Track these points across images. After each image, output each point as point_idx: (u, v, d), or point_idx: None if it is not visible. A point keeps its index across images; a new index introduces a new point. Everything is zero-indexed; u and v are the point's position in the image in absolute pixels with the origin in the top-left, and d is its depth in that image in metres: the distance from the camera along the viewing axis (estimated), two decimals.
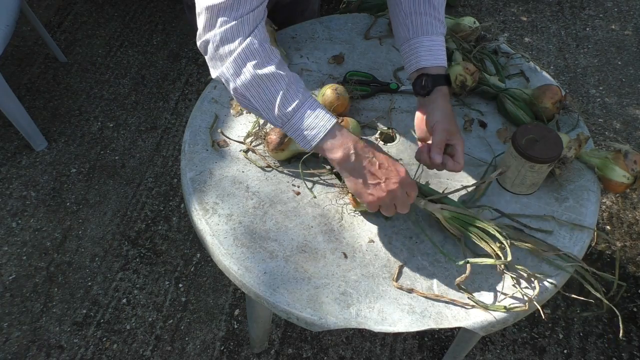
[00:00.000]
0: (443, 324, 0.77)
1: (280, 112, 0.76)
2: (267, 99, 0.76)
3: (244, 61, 0.74)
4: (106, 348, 1.44)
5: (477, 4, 2.51)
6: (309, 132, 0.76)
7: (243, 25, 0.73)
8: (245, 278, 0.82)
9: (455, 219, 0.83)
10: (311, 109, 0.76)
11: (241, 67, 0.74)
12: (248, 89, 0.75)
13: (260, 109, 0.77)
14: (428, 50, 0.90)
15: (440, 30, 0.90)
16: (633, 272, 1.59)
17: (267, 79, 0.74)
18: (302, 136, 0.77)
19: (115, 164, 1.86)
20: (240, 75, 0.75)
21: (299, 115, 0.76)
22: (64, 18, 2.39)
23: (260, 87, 0.75)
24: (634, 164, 0.91)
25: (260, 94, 0.75)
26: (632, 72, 2.19)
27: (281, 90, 0.75)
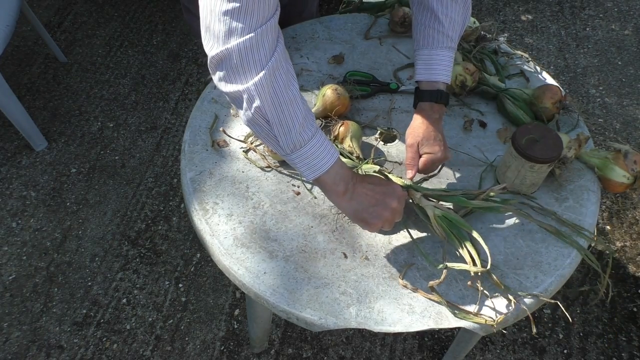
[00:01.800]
0: (443, 324, 0.77)
1: (296, 138, 0.72)
2: (286, 124, 0.70)
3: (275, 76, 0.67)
4: (106, 348, 1.44)
5: (477, 4, 2.51)
6: (316, 162, 0.74)
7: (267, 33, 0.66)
8: (245, 278, 0.82)
9: (444, 219, 0.83)
10: (322, 139, 0.75)
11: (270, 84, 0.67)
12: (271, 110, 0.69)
13: (277, 133, 0.71)
14: (424, 63, 0.91)
15: (444, 44, 0.90)
16: (633, 272, 1.59)
17: (290, 103, 0.69)
18: (309, 166, 0.74)
19: (115, 164, 1.86)
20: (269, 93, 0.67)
21: (311, 145, 0.73)
22: (64, 18, 2.39)
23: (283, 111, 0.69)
24: (634, 164, 0.91)
25: (282, 117, 0.69)
26: (632, 72, 2.19)
27: (301, 116, 0.71)
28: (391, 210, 0.78)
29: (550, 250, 0.85)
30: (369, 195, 0.77)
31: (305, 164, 0.74)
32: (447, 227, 0.82)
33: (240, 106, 0.70)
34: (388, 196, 0.78)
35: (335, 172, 0.76)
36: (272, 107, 0.68)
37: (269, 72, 0.67)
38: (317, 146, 0.74)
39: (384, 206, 0.77)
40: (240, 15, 0.64)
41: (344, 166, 0.78)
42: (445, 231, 0.82)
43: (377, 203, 0.77)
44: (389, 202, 0.78)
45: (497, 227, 0.88)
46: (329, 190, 0.77)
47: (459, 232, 0.81)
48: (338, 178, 0.76)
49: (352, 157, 0.93)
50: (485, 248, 0.79)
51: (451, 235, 0.82)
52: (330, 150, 0.75)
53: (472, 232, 0.81)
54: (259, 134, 0.73)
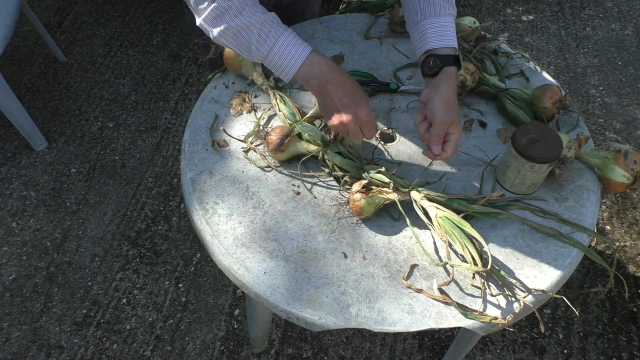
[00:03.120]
0: (443, 324, 0.77)
1: (257, 53, 0.84)
2: (243, 45, 0.84)
3: (218, 16, 0.81)
4: (106, 348, 1.44)
5: (477, 4, 2.51)
6: (284, 67, 0.84)
7: None
8: (245, 278, 0.82)
9: (446, 220, 0.83)
10: (284, 46, 0.83)
11: (216, 20, 0.82)
12: (224, 38, 0.84)
13: (240, 52, 0.86)
14: (436, 31, 0.90)
15: (449, 11, 0.90)
16: (633, 272, 1.59)
17: (240, 29, 0.82)
18: (280, 71, 0.85)
19: (115, 164, 1.86)
20: (215, 27, 0.83)
21: (273, 54, 0.83)
22: (64, 18, 2.39)
23: (235, 36, 0.83)
24: (634, 164, 0.91)
25: (236, 41, 0.84)
26: (632, 72, 2.19)
27: (253, 35, 0.82)
28: (341, 123, 0.85)
29: (550, 250, 0.85)
30: (334, 101, 0.84)
31: (275, 69, 0.86)
32: (448, 228, 0.82)
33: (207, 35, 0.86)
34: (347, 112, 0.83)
35: (304, 72, 0.84)
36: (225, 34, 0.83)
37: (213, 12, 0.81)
38: (280, 54, 0.83)
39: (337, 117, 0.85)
40: None
41: (316, 65, 0.84)
42: (447, 232, 0.82)
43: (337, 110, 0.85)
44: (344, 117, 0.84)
45: (497, 228, 0.88)
46: (304, 85, 0.87)
47: (460, 233, 0.81)
48: (307, 76, 0.85)
49: (353, 157, 0.93)
50: (487, 248, 0.79)
51: (452, 236, 0.82)
52: (295, 53, 0.83)
53: (473, 233, 0.81)
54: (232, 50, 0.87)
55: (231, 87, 1.10)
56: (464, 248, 0.80)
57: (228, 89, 1.10)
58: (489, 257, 0.79)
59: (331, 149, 0.93)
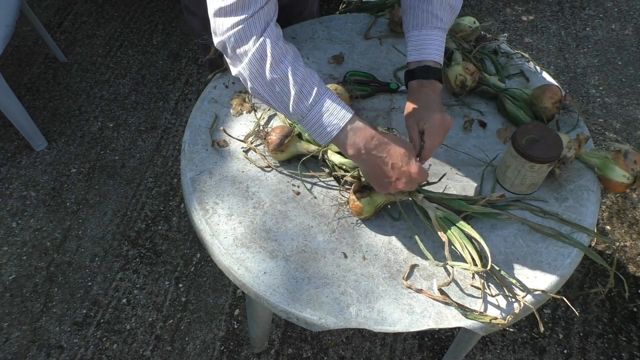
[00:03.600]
0: (443, 324, 0.77)
1: (295, 111, 0.78)
2: (281, 100, 0.78)
3: (259, 62, 0.76)
4: (106, 348, 1.44)
5: (477, 4, 2.51)
6: (323, 130, 0.78)
7: (255, 24, 0.75)
8: (245, 278, 0.82)
9: (446, 220, 0.83)
10: (325, 107, 0.78)
11: (256, 68, 0.76)
12: (264, 89, 0.78)
13: (277, 107, 0.80)
14: (414, 44, 0.91)
15: (433, 24, 0.90)
16: (633, 272, 1.59)
17: (280, 81, 0.76)
18: (317, 133, 0.79)
19: (115, 164, 1.86)
20: (255, 77, 0.77)
21: (313, 114, 0.78)
22: (64, 18, 2.39)
23: (274, 89, 0.77)
24: (634, 164, 0.91)
25: (275, 96, 0.78)
26: (632, 72, 2.19)
27: (294, 90, 0.77)
28: (397, 190, 0.80)
29: (550, 250, 0.85)
30: (382, 170, 0.79)
31: (312, 131, 0.80)
32: (448, 228, 0.82)
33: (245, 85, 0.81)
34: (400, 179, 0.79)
35: (344, 138, 0.78)
36: (262, 86, 0.78)
37: (254, 57, 0.76)
38: (319, 115, 0.78)
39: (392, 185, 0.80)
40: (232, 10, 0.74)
41: (357, 132, 0.78)
42: (447, 232, 0.82)
43: (386, 180, 0.80)
44: (398, 184, 0.80)
45: (497, 227, 0.88)
46: (342, 149, 0.81)
47: (459, 233, 0.81)
48: (348, 144, 0.79)
49: None
50: (486, 249, 0.79)
51: (452, 236, 0.82)
52: (335, 118, 0.77)
53: (473, 233, 0.81)
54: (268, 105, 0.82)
55: (231, 87, 1.10)
56: (464, 248, 0.80)
57: (228, 89, 1.10)
58: (489, 257, 0.79)
59: (331, 149, 0.93)
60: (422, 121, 0.85)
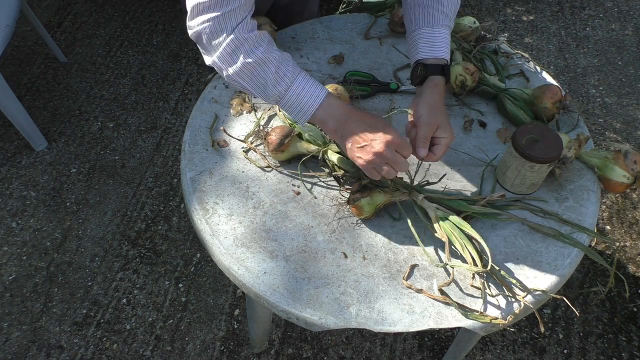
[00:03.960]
0: (443, 324, 0.77)
1: (272, 92, 0.82)
2: (258, 83, 0.81)
3: (234, 51, 0.79)
4: (106, 348, 1.44)
5: (477, 4, 2.51)
6: (301, 108, 0.82)
7: (230, 17, 0.78)
8: (245, 278, 0.82)
9: (446, 220, 0.83)
10: (300, 87, 0.81)
11: (231, 56, 0.80)
12: (239, 75, 0.81)
13: (255, 91, 0.83)
14: (426, 42, 0.91)
15: (443, 22, 0.91)
16: (633, 272, 1.59)
17: (256, 65, 0.80)
18: (296, 112, 0.83)
19: (115, 164, 1.86)
20: (230, 64, 0.80)
21: (290, 94, 0.81)
22: (64, 18, 2.39)
23: (251, 73, 0.81)
24: (634, 164, 0.91)
25: (252, 79, 0.81)
26: (632, 72, 2.19)
27: (270, 72, 0.80)
28: (375, 154, 0.79)
29: (550, 250, 0.85)
30: (358, 135, 0.80)
31: (291, 110, 0.83)
32: (448, 229, 0.82)
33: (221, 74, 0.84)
34: (375, 139, 0.79)
35: (322, 112, 0.82)
36: (239, 72, 0.81)
37: (229, 47, 0.79)
38: (297, 93, 0.81)
39: (368, 149, 0.79)
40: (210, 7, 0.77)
41: (333, 105, 0.82)
42: (447, 232, 0.82)
43: (363, 144, 0.80)
44: (374, 144, 0.79)
45: (497, 228, 0.88)
46: (321, 127, 0.85)
47: (460, 233, 0.81)
48: (326, 117, 0.82)
49: None
50: (486, 249, 0.79)
51: (452, 236, 0.82)
52: (312, 94, 0.81)
53: (473, 233, 0.81)
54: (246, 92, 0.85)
55: (231, 87, 1.10)
56: (464, 249, 0.80)
57: (228, 89, 1.10)
58: (489, 257, 0.79)
59: (331, 148, 0.93)
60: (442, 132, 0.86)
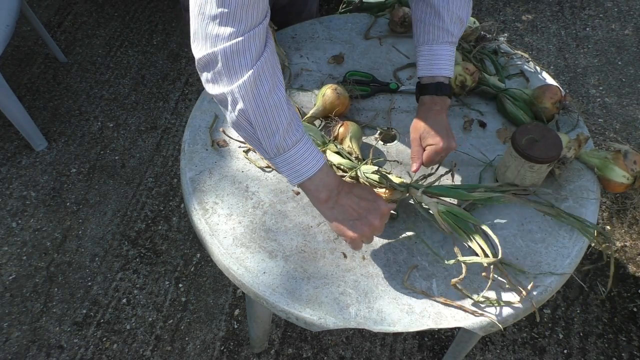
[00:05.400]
0: (442, 324, 0.77)
1: (280, 142, 0.72)
2: (270, 128, 0.71)
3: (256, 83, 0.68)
4: (106, 348, 1.44)
5: (477, 4, 2.51)
6: (300, 168, 0.74)
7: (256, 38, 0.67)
8: (245, 278, 0.82)
9: (449, 214, 0.82)
10: (308, 145, 0.75)
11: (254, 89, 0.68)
12: (256, 114, 0.69)
13: (260, 136, 0.72)
14: (426, 59, 0.92)
15: (444, 39, 0.91)
16: (633, 272, 1.59)
17: (275, 107, 0.70)
18: (293, 171, 0.75)
19: (115, 164, 1.86)
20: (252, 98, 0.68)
21: (296, 149, 0.73)
22: (64, 18, 2.39)
23: (267, 114, 0.70)
24: (633, 164, 0.91)
25: (266, 121, 0.70)
26: (632, 72, 2.19)
27: (286, 121, 0.71)
28: (371, 227, 0.76)
29: (550, 250, 0.85)
30: (352, 208, 0.76)
31: (288, 168, 0.75)
32: (452, 222, 0.82)
33: (226, 108, 0.72)
34: (371, 212, 0.76)
35: (319, 179, 0.76)
36: (256, 110, 0.69)
37: (253, 76, 0.67)
38: (302, 152, 0.74)
39: (364, 222, 0.76)
40: (228, 20, 0.65)
41: (329, 173, 0.77)
42: (452, 226, 0.82)
43: (358, 217, 0.76)
44: (370, 218, 0.76)
45: (497, 228, 0.88)
46: (311, 196, 0.78)
47: (465, 226, 0.81)
48: (321, 185, 0.76)
49: (352, 157, 0.93)
50: (494, 237, 0.79)
51: (458, 229, 0.81)
52: (315, 157, 0.75)
53: (478, 223, 0.80)
54: (244, 136, 0.74)
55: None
56: (472, 240, 0.80)
57: None
58: (498, 247, 0.78)
59: (330, 149, 0.93)
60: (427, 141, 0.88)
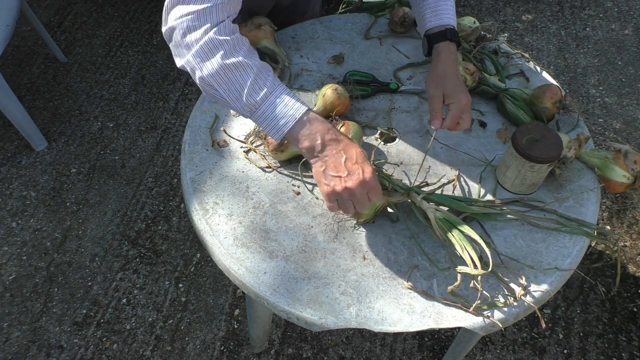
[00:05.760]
0: (443, 324, 0.77)
1: (248, 101, 0.74)
2: (234, 88, 0.74)
3: (211, 50, 0.73)
4: (106, 348, 1.44)
5: (477, 4, 2.51)
6: (277, 122, 0.75)
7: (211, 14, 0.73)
8: (245, 278, 0.82)
9: (445, 222, 0.82)
10: (280, 98, 0.75)
11: (208, 55, 0.73)
12: (215, 78, 0.74)
13: (228, 98, 0.76)
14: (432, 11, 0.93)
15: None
16: (633, 272, 1.59)
17: (234, 68, 0.74)
18: (271, 126, 0.75)
19: (115, 164, 1.86)
20: (206, 64, 0.74)
21: (267, 104, 0.75)
22: (64, 18, 2.39)
23: (227, 77, 0.74)
24: (634, 164, 0.91)
25: (228, 84, 0.74)
26: (632, 72, 2.19)
27: (249, 79, 0.74)
28: (346, 189, 0.74)
29: (550, 250, 0.85)
30: (334, 165, 0.75)
31: (266, 125, 0.76)
32: (447, 230, 0.82)
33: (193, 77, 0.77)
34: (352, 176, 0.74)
35: (298, 132, 0.75)
36: (215, 75, 0.74)
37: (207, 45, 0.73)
38: (274, 106, 0.74)
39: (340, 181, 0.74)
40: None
41: (312, 124, 0.75)
42: (446, 233, 0.82)
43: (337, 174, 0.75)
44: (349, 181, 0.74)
45: (497, 228, 0.88)
46: (296, 144, 0.77)
47: (459, 235, 0.81)
48: (303, 137, 0.75)
49: None
50: (487, 250, 0.79)
51: (452, 238, 0.81)
52: (292, 108, 0.74)
53: (473, 235, 0.81)
54: (216, 99, 0.77)
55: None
56: (463, 250, 0.80)
57: None
58: (490, 259, 0.79)
59: None
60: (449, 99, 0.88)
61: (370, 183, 0.75)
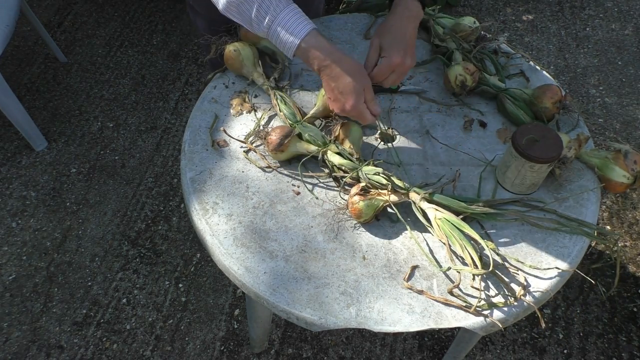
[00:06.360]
0: (443, 324, 0.77)
1: (258, 29, 0.85)
2: (246, 19, 0.85)
3: None
4: (106, 348, 1.44)
5: (477, 4, 2.51)
6: (283, 47, 0.85)
7: None
8: (245, 278, 0.82)
9: (446, 222, 0.82)
10: (283, 22, 0.83)
11: None
12: (229, 10, 0.85)
13: (246, 25, 0.87)
14: None
15: None
16: (633, 272, 1.59)
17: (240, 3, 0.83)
18: (282, 47, 0.85)
19: (115, 164, 1.86)
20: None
21: (272, 32, 0.84)
22: (64, 18, 2.39)
23: (238, 8, 0.84)
24: (634, 164, 0.91)
25: (240, 14, 0.85)
26: (632, 72, 2.19)
27: (253, 10, 0.83)
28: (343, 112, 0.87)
29: (550, 250, 0.85)
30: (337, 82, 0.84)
31: (280, 46, 0.86)
32: (447, 230, 0.82)
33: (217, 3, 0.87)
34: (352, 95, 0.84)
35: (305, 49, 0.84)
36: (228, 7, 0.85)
37: None
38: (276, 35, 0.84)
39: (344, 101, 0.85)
40: None
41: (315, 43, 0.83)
42: (446, 233, 0.82)
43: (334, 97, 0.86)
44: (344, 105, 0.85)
45: (497, 228, 0.88)
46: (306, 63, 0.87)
47: (459, 235, 0.81)
48: (309, 55, 0.84)
49: (352, 158, 0.93)
50: (487, 250, 0.79)
51: (451, 237, 0.81)
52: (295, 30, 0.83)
53: (473, 235, 0.81)
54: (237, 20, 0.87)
55: (231, 87, 1.10)
56: (464, 250, 0.80)
57: (228, 89, 1.10)
58: (490, 259, 0.79)
59: (331, 149, 0.93)
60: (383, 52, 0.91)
61: (351, 113, 0.87)
